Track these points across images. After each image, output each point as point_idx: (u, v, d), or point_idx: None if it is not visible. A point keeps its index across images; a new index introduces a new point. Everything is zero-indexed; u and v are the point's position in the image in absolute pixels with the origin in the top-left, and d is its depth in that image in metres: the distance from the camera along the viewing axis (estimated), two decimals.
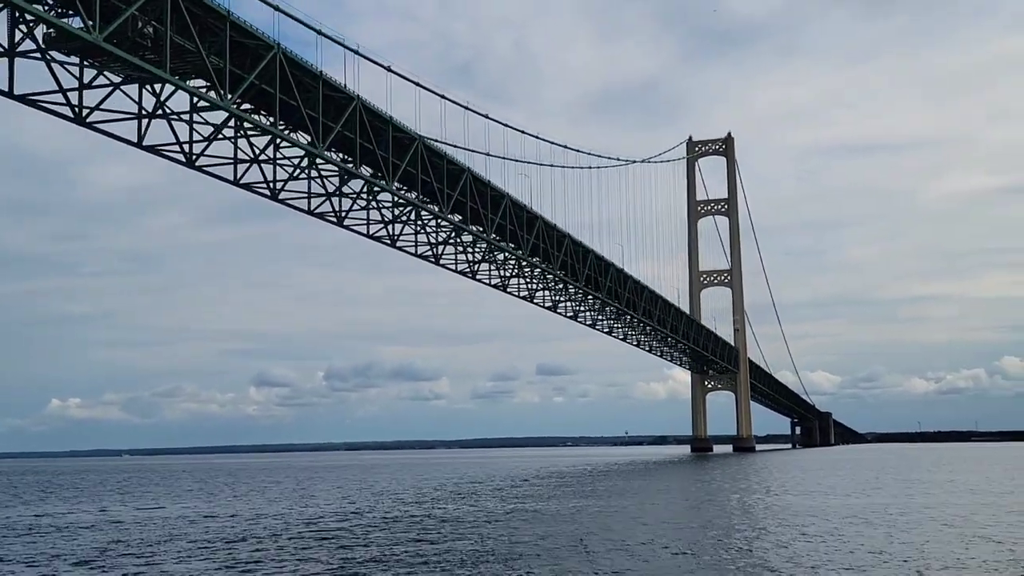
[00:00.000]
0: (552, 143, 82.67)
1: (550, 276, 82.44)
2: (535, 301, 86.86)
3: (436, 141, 55.69)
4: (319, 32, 46.33)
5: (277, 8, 43.18)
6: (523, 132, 75.29)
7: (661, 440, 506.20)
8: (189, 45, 38.17)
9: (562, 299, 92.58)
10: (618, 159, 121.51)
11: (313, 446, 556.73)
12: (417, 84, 53.74)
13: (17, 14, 37.53)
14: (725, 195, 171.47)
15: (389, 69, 51.56)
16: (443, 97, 58.25)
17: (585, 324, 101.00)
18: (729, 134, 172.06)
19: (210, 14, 38.77)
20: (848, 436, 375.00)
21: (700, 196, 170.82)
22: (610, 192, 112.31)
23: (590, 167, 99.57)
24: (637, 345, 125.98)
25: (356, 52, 49.24)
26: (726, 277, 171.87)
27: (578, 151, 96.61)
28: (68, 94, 39.97)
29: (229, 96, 40.95)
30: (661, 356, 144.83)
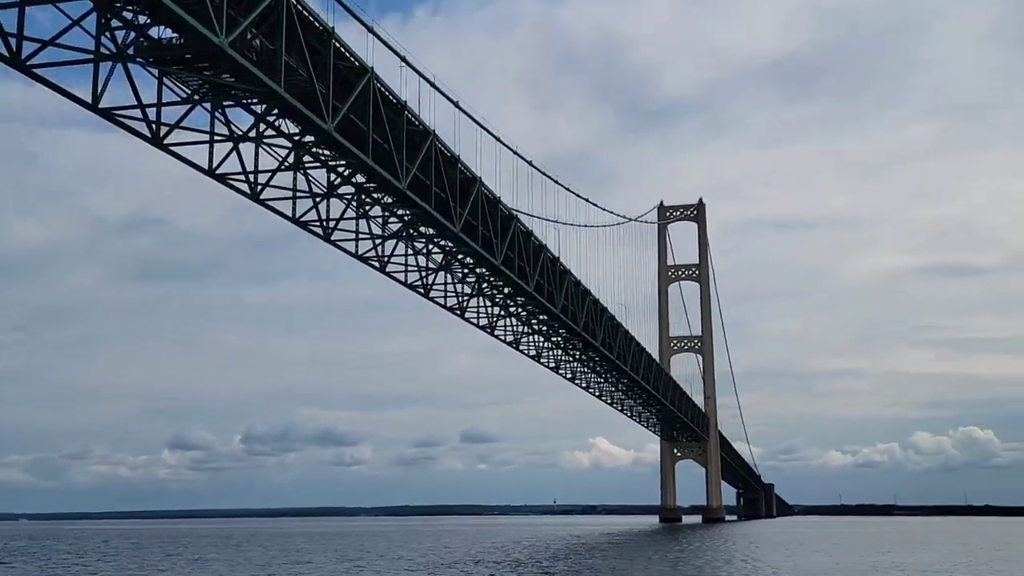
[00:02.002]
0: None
1: (541, 318, 78.93)
2: (520, 348, 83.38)
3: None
4: (403, 59, 43.61)
5: (371, 30, 40.44)
6: (529, 162, 70.93)
7: (591, 509, 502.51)
8: (293, 63, 35.02)
9: (550, 348, 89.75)
10: (583, 224, 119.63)
11: (228, 512, 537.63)
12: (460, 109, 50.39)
13: (104, 19, 34.04)
14: (695, 260, 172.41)
15: (458, 105, 48.86)
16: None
17: (561, 374, 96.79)
18: (700, 200, 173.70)
19: (310, 32, 35.82)
20: (782, 508, 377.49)
21: (668, 260, 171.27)
22: (574, 255, 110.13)
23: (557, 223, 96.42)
24: (610, 403, 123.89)
25: (433, 85, 46.63)
26: (697, 343, 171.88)
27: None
28: (147, 111, 36.24)
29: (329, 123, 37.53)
30: (631, 416, 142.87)
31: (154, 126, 36.90)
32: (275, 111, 42.19)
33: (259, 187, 43.25)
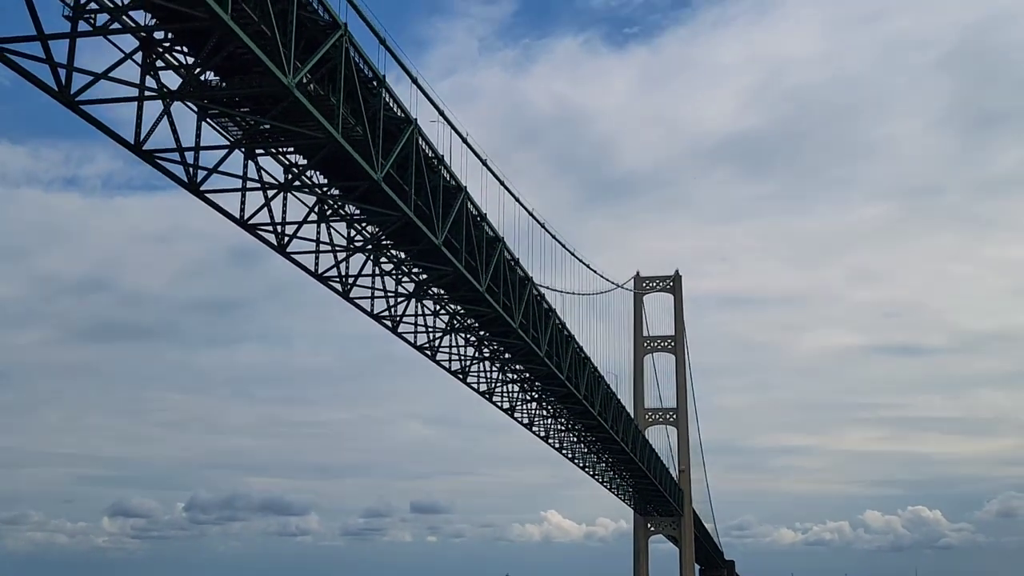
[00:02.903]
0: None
1: (538, 388, 77.25)
2: (515, 416, 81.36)
3: None
4: (440, 113, 42.57)
5: (415, 81, 39.47)
6: (542, 224, 69.83)
7: None
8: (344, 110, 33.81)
9: (545, 416, 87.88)
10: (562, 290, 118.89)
11: None
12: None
13: (150, 59, 32.72)
14: (671, 332, 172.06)
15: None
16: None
17: (535, 431, 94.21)
18: (677, 272, 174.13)
19: (360, 78, 34.74)
20: None
21: (643, 331, 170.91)
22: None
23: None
24: (582, 466, 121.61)
25: (465, 141, 45.59)
26: (671, 416, 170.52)
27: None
28: (185, 154, 34.74)
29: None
30: (609, 487, 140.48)
31: (191, 169, 35.33)
32: (304, 162, 41.09)
33: (286, 239, 41.69)
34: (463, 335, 62.80)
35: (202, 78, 33.72)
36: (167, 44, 33.11)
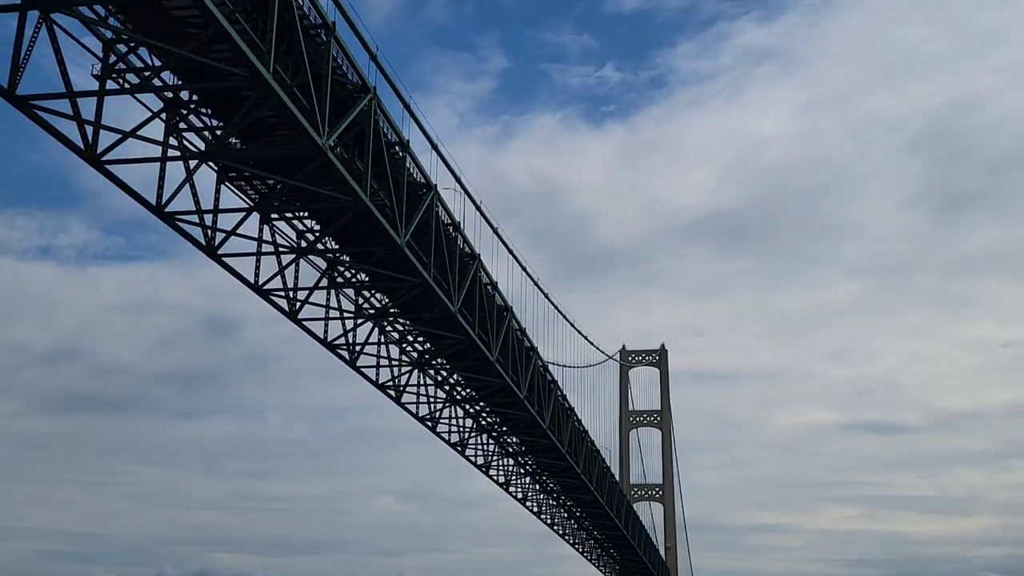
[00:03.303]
0: None
1: (531, 462, 76.04)
2: (510, 491, 79.90)
3: None
4: (458, 180, 42.27)
5: (435, 147, 39.21)
6: (546, 294, 69.77)
7: None
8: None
9: (537, 491, 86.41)
10: (556, 362, 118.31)
11: None
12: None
13: (175, 120, 32.29)
14: (652, 406, 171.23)
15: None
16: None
17: (528, 506, 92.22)
18: (663, 346, 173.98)
19: (383, 141, 34.42)
20: None
21: (628, 406, 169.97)
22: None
23: None
24: (573, 543, 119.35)
25: (479, 209, 45.24)
26: (657, 492, 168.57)
27: None
28: (204, 216, 34.09)
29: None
30: (590, 559, 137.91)
31: (209, 232, 34.64)
32: (317, 227, 40.59)
33: (297, 304, 40.91)
34: (464, 406, 61.88)
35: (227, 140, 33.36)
36: (192, 106, 32.77)
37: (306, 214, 39.61)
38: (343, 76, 31.45)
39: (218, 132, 33.39)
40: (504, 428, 65.43)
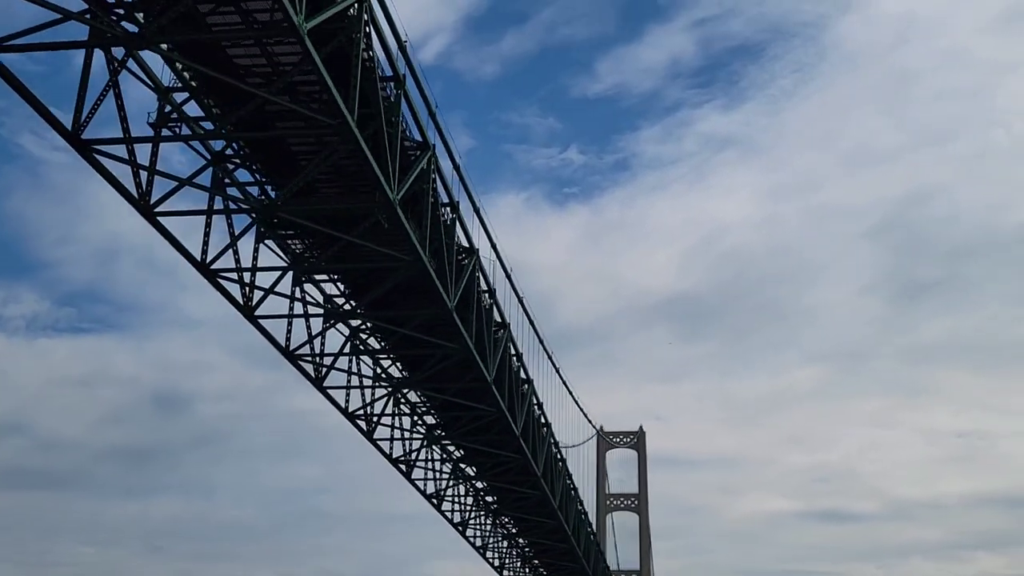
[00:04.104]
0: None
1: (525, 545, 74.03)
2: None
3: None
4: (494, 247, 41.28)
5: (478, 212, 38.30)
6: (557, 368, 68.91)
7: None
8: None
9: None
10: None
11: None
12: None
13: (221, 174, 31.15)
14: (629, 490, 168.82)
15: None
16: None
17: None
18: (641, 427, 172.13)
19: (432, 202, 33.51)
20: None
21: (606, 489, 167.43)
22: None
23: None
24: None
25: (509, 278, 44.21)
26: None
27: None
28: (243, 274, 32.73)
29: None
30: None
31: (247, 290, 33.25)
32: (347, 290, 39.42)
33: (323, 369, 39.42)
34: (470, 483, 60.18)
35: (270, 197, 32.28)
36: (239, 160, 31.70)
37: (337, 276, 38.46)
38: (404, 131, 30.63)
39: (267, 187, 32.35)
40: (506, 508, 63.77)
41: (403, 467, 51.18)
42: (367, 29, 25.61)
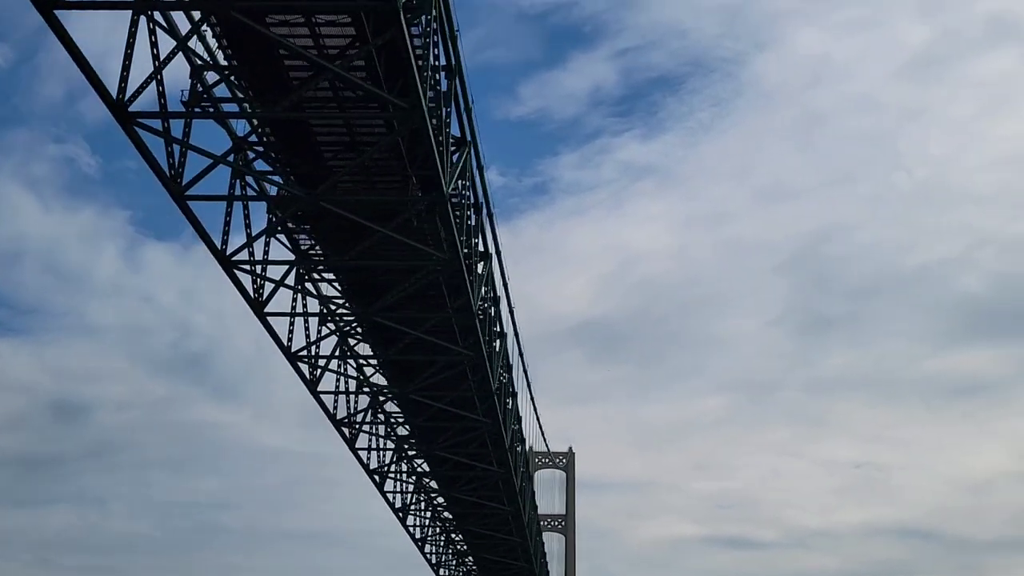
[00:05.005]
0: None
1: None
2: None
3: None
4: (507, 298, 40.52)
5: (499, 260, 37.55)
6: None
7: None
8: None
9: None
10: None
11: None
12: None
13: (242, 162, 29.72)
14: (563, 511, 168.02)
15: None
16: None
17: None
18: (571, 448, 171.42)
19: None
20: None
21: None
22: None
23: None
24: None
25: (517, 335, 43.38)
26: None
27: None
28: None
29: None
30: None
31: (257, 281, 31.82)
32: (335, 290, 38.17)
33: (317, 372, 38.09)
34: (427, 497, 59.18)
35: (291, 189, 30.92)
36: (260, 149, 30.26)
37: (340, 277, 37.13)
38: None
39: (291, 177, 30.95)
40: (471, 524, 63.12)
41: (377, 478, 50.03)
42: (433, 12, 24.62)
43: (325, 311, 37.26)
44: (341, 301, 38.00)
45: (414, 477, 55.62)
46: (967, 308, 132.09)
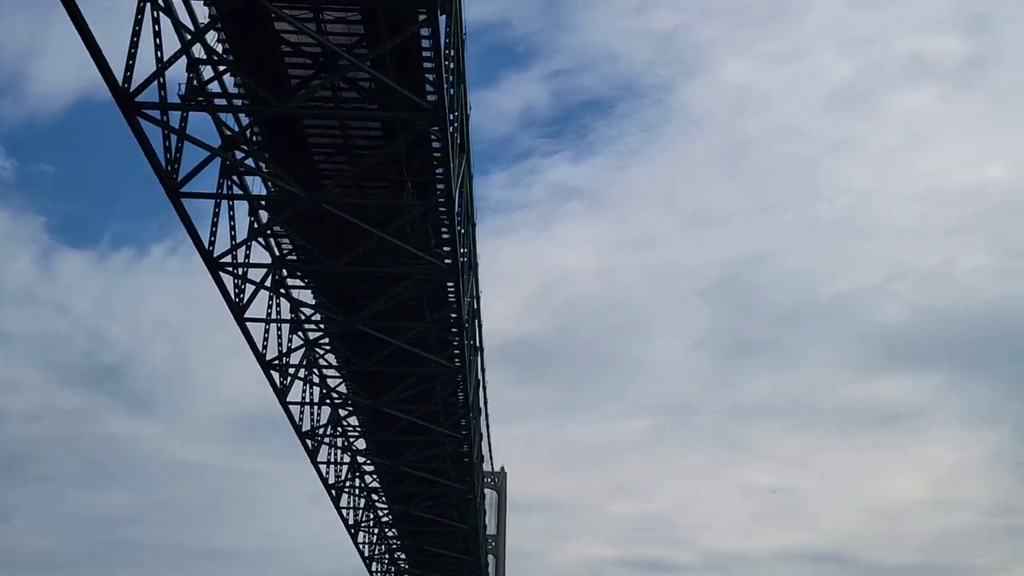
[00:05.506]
0: None
1: None
2: None
3: None
4: (477, 281, 39.99)
5: (472, 226, 37.08)
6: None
7: None
8: None
9: None
10: None
11: None
12: None
13: (229, 161, 28.94)
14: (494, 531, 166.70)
15: None
16: None
17: None
18: (503, 468, 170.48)
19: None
20: None
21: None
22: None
23: None
24: None
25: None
26: None
27: None
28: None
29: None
30: None
31: (239, 284, 31.00)
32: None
33: (288, 380, 37.26)
34: (375, 512, 58.37)
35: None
36: (255, 146, 29.45)
37: (313, 284, 36.27)
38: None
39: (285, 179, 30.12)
40: (424, 542, 62.47)
41: (333, 492, 49.09)
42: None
43: (301, 317, 36.44)
44: (311, 311, 37.24)
45: (366, 493, 54.79)
46: (885, 338, 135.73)
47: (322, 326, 36.21)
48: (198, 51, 25.87)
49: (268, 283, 33.03)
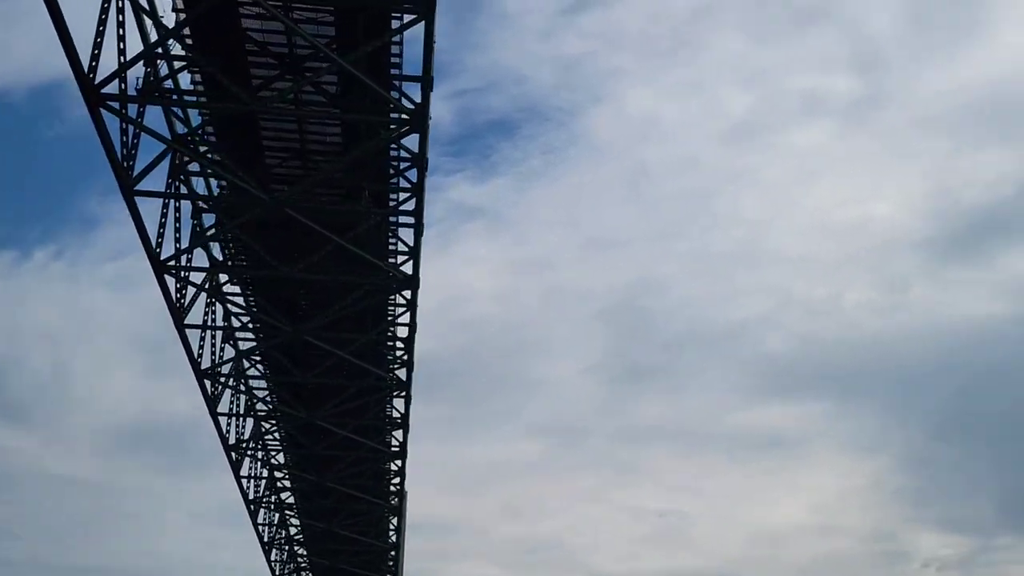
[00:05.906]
0: None
1: None
2: None
3: None
4: (415, 301, 39.45)
5: (417, 240, 36.68)
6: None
7: None
8: None
9: None
10: None
11: None
12: None
13: (179, 160, 28.06)
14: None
15: None
16: None
17: None
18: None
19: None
20: None
21: None
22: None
23: None
24: None
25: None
26: None
27: None
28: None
29: None
30: None
31: (179, 286, 29.93)
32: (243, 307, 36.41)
33: (218, 387, 36.09)
34: (286, 530, 57.04)
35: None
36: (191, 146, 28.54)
37: (251, 291, 35.23)
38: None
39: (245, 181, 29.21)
40: (340, 561, 61.12)
41: (252, 507, 47.74)
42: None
43: (239, 324, 35.37)
44: (247, 319, 36.17)
45: (281, 509, 53.42)
46: (772, 366, 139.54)
47: (262, 335, 35.21)
48: (159, 45, 25.18)
49: (207, 287, 32.21)
